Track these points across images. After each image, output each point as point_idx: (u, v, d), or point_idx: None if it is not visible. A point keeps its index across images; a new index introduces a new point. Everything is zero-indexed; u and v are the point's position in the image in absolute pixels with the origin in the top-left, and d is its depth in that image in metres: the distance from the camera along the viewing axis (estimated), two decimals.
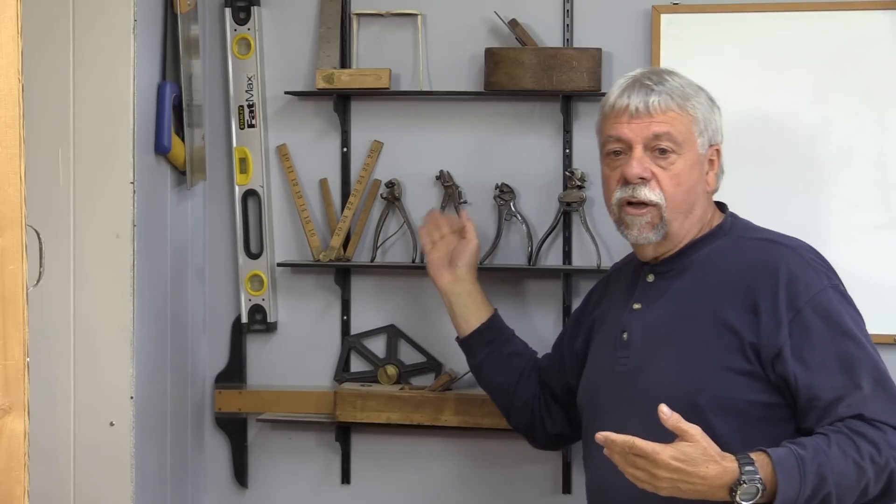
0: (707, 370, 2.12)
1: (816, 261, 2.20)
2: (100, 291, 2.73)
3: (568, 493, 3.01)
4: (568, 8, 2.95)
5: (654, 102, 2.21)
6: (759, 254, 2.20)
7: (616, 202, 2.25)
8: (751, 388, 2.10)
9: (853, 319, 2.14)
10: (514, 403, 2.63)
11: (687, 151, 2.21)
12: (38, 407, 1.70)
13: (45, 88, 2.68)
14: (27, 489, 1.58)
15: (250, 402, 3.13)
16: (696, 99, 2.26)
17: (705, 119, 2.26)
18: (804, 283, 2.12)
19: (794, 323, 2.09)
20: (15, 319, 1.56)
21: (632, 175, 2.21)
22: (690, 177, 2.22)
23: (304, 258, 3.11)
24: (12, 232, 1.55)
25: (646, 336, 2.23)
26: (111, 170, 2.73)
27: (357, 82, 2.98)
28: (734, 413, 2.10)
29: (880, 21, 2.78)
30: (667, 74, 2.28)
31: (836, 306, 2.13)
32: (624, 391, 2.23)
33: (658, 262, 2.29)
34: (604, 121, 2.30)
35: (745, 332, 2.11)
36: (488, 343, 2.64)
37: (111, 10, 2.71)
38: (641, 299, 2.28)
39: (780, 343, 2.08)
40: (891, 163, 2.79)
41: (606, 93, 2.35)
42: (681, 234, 2.24)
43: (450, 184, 3.01)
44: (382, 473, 3.11)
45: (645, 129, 2.21)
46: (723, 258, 2.22)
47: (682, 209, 2.22)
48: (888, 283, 2.76)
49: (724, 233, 2.27)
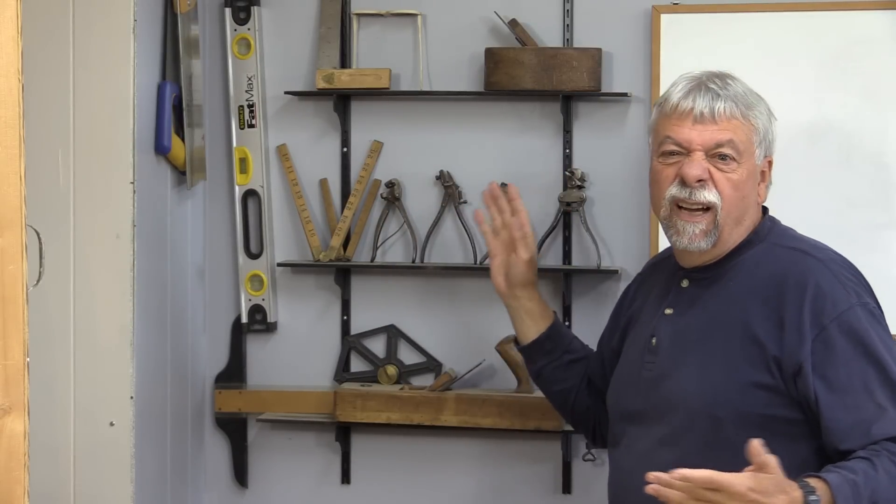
0: (730, 383, 2.10)
1: (847, 276, 2.14)
2: (100, 291, 2.73)
3: (568, 493, 3.01)
4: (568, 8, 2.95)
5: (720, 108, 2.14)
6: (790, 265, 2.14)
7: (669, 200, 2.17)
8: (773, 402, 2.07)
9: (881, 339, 2.08)
10: (575, 409, 2.55)
11: (746, 161, 2.16)
12: (38, 407, 1.70)
13: (45, 88, 2.68)
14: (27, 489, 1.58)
15: (250, 402, 3.13)
16: (758, 108, 2.20)
17: (765, 129, 2.20)
18: (832, 299, 2.08)
19: (817, 340, 2.05)
20: (15, 319, 1.56)
21: (692, 176, 2.13)
22: (746, 186, 2.17)
23: (304, 258, 3.11)
24: (12, 232, 1.55)
25: (674, 343, 2.20)
26: (111, 170, 2.73)
27: (357, 82, 2.98)
28: (755, 428, 2.05)
29: (880, 21, 2.78)
30: (730, 79, 2.21)
31: (864, 325, 2.07)
32: (649, 396, 2.21)
33: (696, 268, 2.23)
34: (663, 120, 2.20)
35: (770, 345, 2.07)
36: (546, 353, 2.55)
37: (111, 10, 2.72)
38: (674, 304, 2.23)
39: (802, 359, 2.04)
40: (891, 163, 2.79)
41: (665, 92, 2.25)
42: (729, 242, 2.18)
43: (450, 184, 3.01)
44: (382, 473, 3.11)
45: (707, 136, 2.14)
46: (756, 267, 2.17)
47: (735, 216, 2.16)
48: (888, 283, 2.76)
49: (760, 239, 2.21)
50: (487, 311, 3.01)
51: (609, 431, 2.37)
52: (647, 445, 2.18)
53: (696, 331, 2.17)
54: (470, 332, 3.04)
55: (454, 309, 3.05)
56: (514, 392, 2.97)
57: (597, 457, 2.94)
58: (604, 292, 2.98)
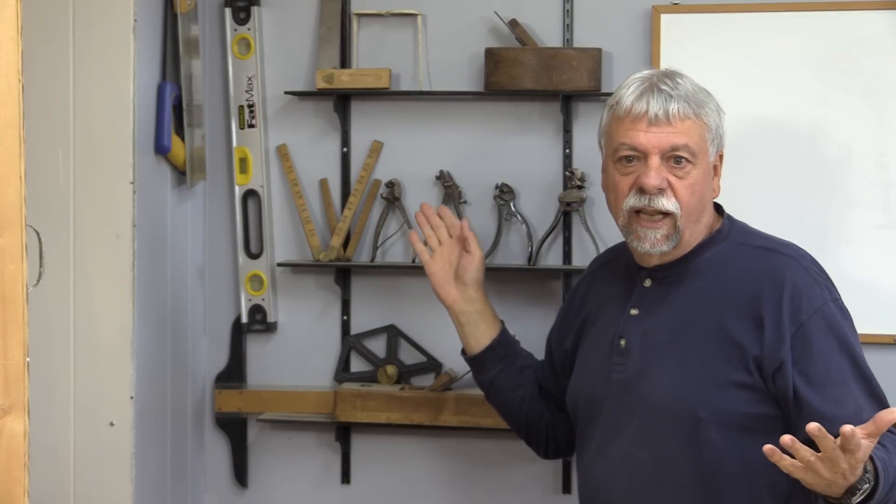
0: (709, 384, 2.10)
1: (817, 272, 2.17)
2: (100, 291, 2.73)
3: (568, 493, 3.01)
4: (568, 8, 2.95)
5: (673, 110, 2.13)
6: (763, 264, 2.16)
7: (627, 210, 2.17)
8: (751, 400, 2.09)
9: (852, 333, 2.14)
10: (529, 417, 2.53)
11: (701, 161, 2.16)
12: (38, 407, 1.70)
13: (45, 88, 2.68)
14: (27, 489, 1.58)
15: (250, 402, 3.13)
16: (709, 106, 2.19)
17: (716, 126, 2.20)
18: (808, 296, 2.10)
19: (796, 336, 2.08)
20: (15, 319, 1.56)
21: (650, 186, 2.12)
22: (703, 185, 2.17)
23: (304, 258, 3.11)
24: (12, 232, 1.55)
25: (645, 344, 2.20)
26: (111, 170, 2.73)
27: (357, 82, 2.98)
28: (735, 426, 2.08)
29: (880, 21, 2.78)
30: (679, 77, 2.20)
31: (838, 321, 2.12)
32: (622, 398, 2.20)
33: (657, 266, 2.23)
34: (616, 124, 2.18)
35: (750, 345, 2.09)
36: (500, 359, 2.53)
37: (111, 10, 2.72)
38: (639, 305, 2.23)
39: (783, 356, 2.06)
40: (891, 163, 2.79)
41: (615, 94, 2.23)
42: (690, 242, 2.19)
43: (450, 184, 3.01)
44: (382, 473, 3.11)
45: (663, 140, 2.13)
46: (724, 266, 2.18)
47: (693, 218, 2.17)
48: (888, 283, 2.76)
49: (723, 238, 2.23)
50: None
51: (577, 436, 2.35)
52: (622, 447, 2.17)
53: (666, 331, 2.17)
54: None
55: None
56: None
57: None
58: None
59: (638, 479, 2.15)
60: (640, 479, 2.15)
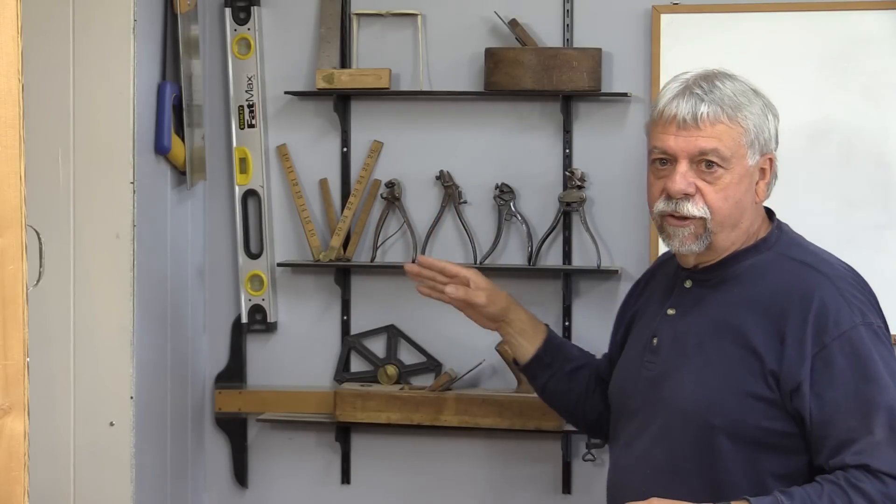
0: (727, 392, 2.08)
1: (854, 293, 2.09)
2: (100, 291, 2.73)
3: (568, 493, 3.01)
4: (568, 8, 2.95)
5: (702, 114, 2.10)
6: (797, 279, 2.10)
7: (657, 214, 2.16)
8: (768, 415, 2.05)
9: (883, 360, 2.04)
10: (587, 417, 2.51)
11: (735, 166, 2.12)
12: (38, 407, 1.70)
13: (45, 88, 2.68)
14: (27, 489, 1.58)
15: (250, 402, 3.13)
16: (749, 108, 2.14)
17: (757, 128, 2.15)
18: (835, 318, 2.04)
19: (817, 358, 2.02)
20: (15, 319, 1.56)
21: (675, 191, 2.10)
22: (738, 190, 2.13)
23: (304, 258, 3.11)
24: (12, 232, 1.55)
25: (674, 344, 2.19)
26: (111, 170, 2.73)
27: (357, 82, 2.98)
28: (748, 439, 2.05)
29: (880, 21, 2.78)
30: (720, 80, 2.16)
31: (866, 345, 2.03)
32: (648, 396, 2.20)
33: (698, 269, 2.21)
34: (651, 127, 2.18)
35: (769, 358, 2.05)
36: (546, 367, 2.50)
37: (111, 10, 2.72)
38: (676, 305, 2.21)
39: (801, 377, 2.02)
40: (891, 163, 2.79)
41: (659, 93, 2.21)
42: (725, 245, 2.15)
43: (450, 184, 3.01)
44: (382, 473, 3.11)
45: (691, 144, 2.10)
46: (761, 277, 2.14)
47: (729, 223, 2.13)
48: (888, 283, 2.76)
49: (768, 247, 2.17)
50: None
51: (610, 429, 2.36)
52: (643, 444, 2.18)
53: (696, 334, 2.16)
54: (470, 332, 3.02)
55: (454, 309, 3.04)
56: (514, 392, 2.97)
57: (597, 457, 2.94)
58: (604, 292, 2.98)
59: (652, 477, 2.14)
60: (653, 477, 2.14)
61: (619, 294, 2.96)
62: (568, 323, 2.98)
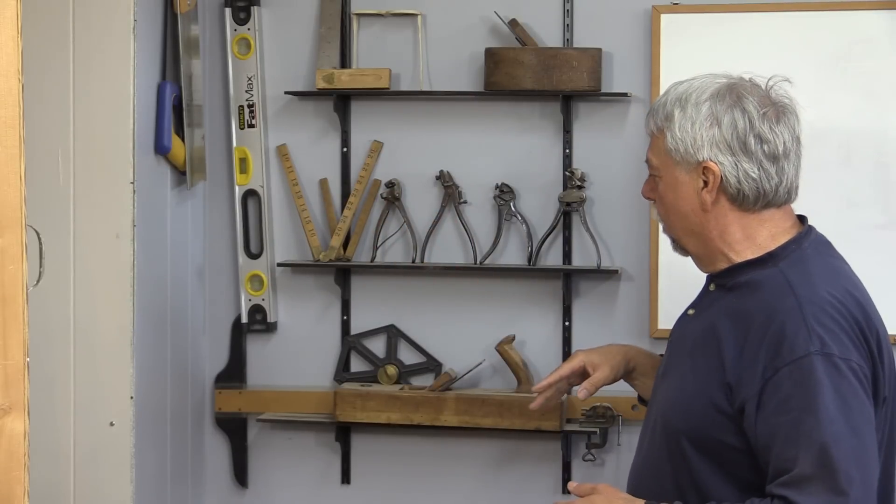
0: (696, 400, 2.07)
1: (823, 320, 2.00)
2: (100, 291, 2.73)
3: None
4: (568, 8, 2.95)
5: (649, 125, 2.14)
6: (773, 298, 2.05)
7: None
8: (726, 429, 2.02)
9: (836, 392, 1.95)
10: None
11: (665, 174, 2.12)
12: (38, 407, 1.70)
13: (45, 88, 2.68)
14: (27, 489, 1.58)
15: (250, 402, 3.13)
16: (683, 115, 2.09)
17: (684, 136, 2.09)
18: (790, 344, 1.97)
19: (769, 382, 1.97)
20: (15, 319, 1.55)
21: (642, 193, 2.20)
22: (672, 199, 2.12)
23: (304, 258, 3.11)
24: (12, 232, 1.55)
25: (676, 347, 2.19)
26: (111, 170, 2.73)
27: (357, 82, 2.98)
28: (711, 453, 2.04)
29: (880, 21, 2.78)
30: (674, 87, 2.14)
31: (815, 376, 1.94)
32: (654, 394, 2.23)
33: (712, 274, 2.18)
34: None
35: (728, 370, 2.02)
36: None
37: (111, 10, 2.72)
38: (696, 306, 2.21)
39: (748, 397, 1.98)
40: (891, 163, 2.79)
41: None
42: (705, 253, 2.14)
43: (450, 184, 3.01)
44: (382, 473, 3.11)
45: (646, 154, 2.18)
46: (755, 291, 2.09)
47: (680, 228, 2.14)
48: (888, 283, 2.76)
49: (774, 262, 2.10)
50: (487, 311, 3.01)
51: None
52: (642, 447, 2.21)
53: (692, 338, 2.16)
54: (470, 332, 3.04)
55: (454, 309, 3.05)
56: (514, 392, 2.97)
57: (597, 457, 2.94)
58: (604, 292, 2.98)
59: (640, 480, 2.16)
60: (640, 480, 2.16)
61: (619, 294, 2.97)
62: (568, 323, 2.98)
